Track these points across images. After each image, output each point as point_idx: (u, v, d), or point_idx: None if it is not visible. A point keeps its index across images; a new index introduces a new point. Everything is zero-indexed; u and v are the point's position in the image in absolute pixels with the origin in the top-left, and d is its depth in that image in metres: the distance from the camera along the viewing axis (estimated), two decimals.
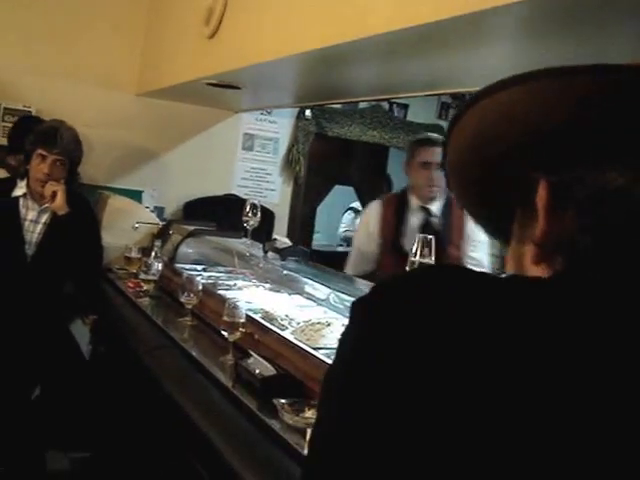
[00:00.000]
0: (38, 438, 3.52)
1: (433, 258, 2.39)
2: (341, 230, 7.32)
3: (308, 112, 5.60)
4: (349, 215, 7.29)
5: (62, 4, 4.63)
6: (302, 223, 5.80)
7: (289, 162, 5.57)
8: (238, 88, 3.93)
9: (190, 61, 3.93)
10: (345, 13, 2.42)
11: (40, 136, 3.67)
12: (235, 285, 3.39)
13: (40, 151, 3.62)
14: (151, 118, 4.97)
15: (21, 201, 3.71)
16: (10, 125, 4.39)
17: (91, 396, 3.56)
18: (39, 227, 3.70)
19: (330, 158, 6.08)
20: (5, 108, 4.45)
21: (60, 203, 3.64)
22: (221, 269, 3.76)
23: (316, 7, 2.61)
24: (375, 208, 3.81)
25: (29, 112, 4.45)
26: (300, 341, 2.40)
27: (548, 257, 0.69)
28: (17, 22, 4.51)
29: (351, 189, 6.83)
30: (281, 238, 3.75)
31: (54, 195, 3.64)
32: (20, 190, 3.71)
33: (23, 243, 3.67)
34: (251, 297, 3.14)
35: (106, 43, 4.74)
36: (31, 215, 3.71)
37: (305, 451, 1.83)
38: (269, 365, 2.30)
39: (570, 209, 0.66)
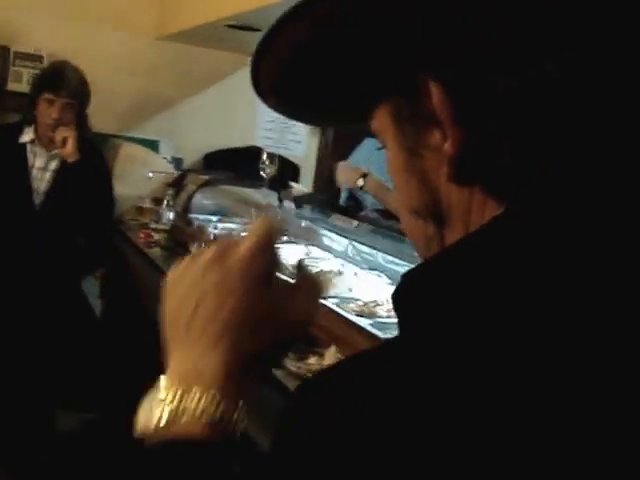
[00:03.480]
0: (47, 399, 3.58)
1: None
2: None
3: None
4: None
5: None
6: (329, 178, 5.79)
7: None
8: (258, 30, 3.93)
9: (209, 2, 3.94)
10: None
11: (45, 79, 3.70)
12: None
13: (47, 95, 3.64)
14: (170, 64, 4.96)
15: (29, 147, 3.74)
16: (22, 70, 4.44)
17: (102, 353, 3.61)
18: (48, 175, 3.74)
19: None
20: (15, 52, 4.48)
21: (70, 150, 3.66)
22: (237, 220, 3.78)
23: None
24: None
25: (40, 56, 4.48)
26: None
27: (473, 176, 0.59)
28: None
29: None
30: (297, 185, 3.76)
31: (64, 141, 3.66)
32: (27, 136, 3.74)
33: (31, 192, 3.70)
34: None
35: None
36: (39, 162, 3.74)
37: None
38: None
39: (484, 118, 0.56)
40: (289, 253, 3.06)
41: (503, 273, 0.53)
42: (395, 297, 0.62)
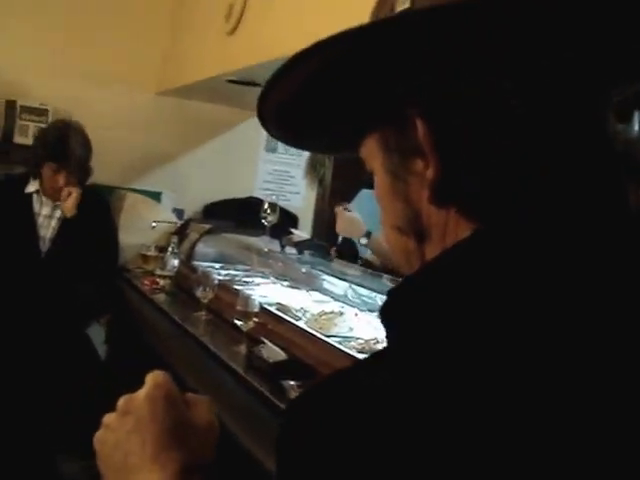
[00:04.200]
0: (49, 443, 3.63)
1: None
2: None
3: None
4: None
5: (82, 1, 4.85)
6: (327, 228, 5.93)
7: (314, 165, 5.68)
8: (259, 85, 4.10)
9: (210, 58, 4.11)
10: (367, 8, 2.55)
11: (49, 149, 3.80)
12: (253, 282, 3.56)
13: (51, 164, 3.77)
14: (171, 118, 5.16)
15: (34, 197, 3.88)
16: (28, 124, 4.61)
17: (107, 399, 3.67)
18: (53, 222, 3.87)
19: (356, 161, 6.17)
20: (21, 106, 4.65)
21: (70, 206, 3.80)
22: (239, 267, 3.93)
23: (337, 1, 2.77)
24: None
25: (46, 110, 4.65)
26: (312, 329, 2.56)
27: (450, 198, 0.69)
28: (33, 18, 4.74)
29: None
30: (298, 232, 3.90)
31: (69, 194, 3.80)
32: (33, 187, 3.89)
33: (37, 239, 3.83)
34: (268, 293, 3.30)
35: (127, 41, 4.95)
36: (45, 210, 3.88)
37: None
38: (280, 351, 2.46)
39: (460, 151, 0.67)
40: (293, 297, 3.21)
41: (475, 284, 0.63)
42: (383, 311, 0.70)
